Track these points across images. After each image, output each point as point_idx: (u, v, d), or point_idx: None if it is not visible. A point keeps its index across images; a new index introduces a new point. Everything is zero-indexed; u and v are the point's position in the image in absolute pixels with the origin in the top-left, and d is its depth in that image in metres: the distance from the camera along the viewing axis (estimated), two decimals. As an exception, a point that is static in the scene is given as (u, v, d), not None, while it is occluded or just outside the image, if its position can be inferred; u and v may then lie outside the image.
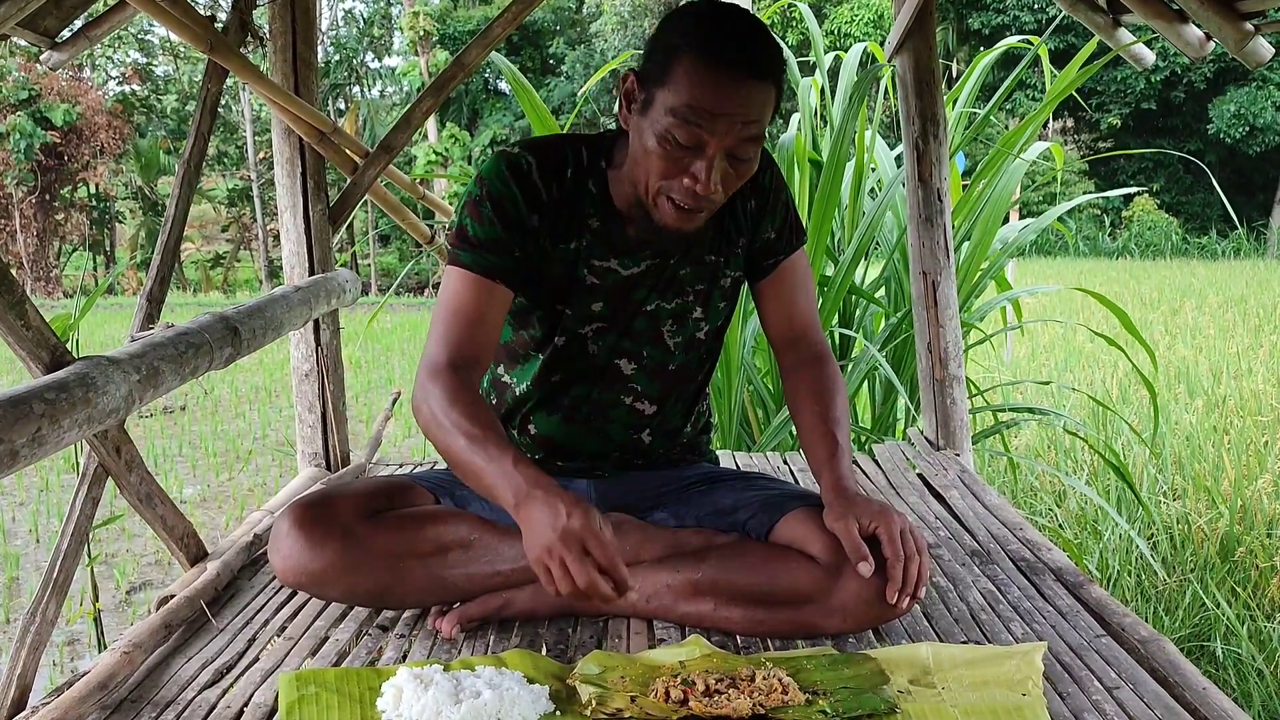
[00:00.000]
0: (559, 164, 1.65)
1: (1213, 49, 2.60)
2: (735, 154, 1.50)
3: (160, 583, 3.92)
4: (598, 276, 1.69)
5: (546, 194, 1.64)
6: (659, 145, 1.48)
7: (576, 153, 1.67)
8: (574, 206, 1.66)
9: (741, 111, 1.46)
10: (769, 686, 1.37)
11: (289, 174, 2.69)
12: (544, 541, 1.35)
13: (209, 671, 1.55)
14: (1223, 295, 11.33)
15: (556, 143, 1.68)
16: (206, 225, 26.00)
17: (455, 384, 1.53)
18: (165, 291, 2.12)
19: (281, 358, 9.06)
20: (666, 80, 1.47)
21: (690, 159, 1.48)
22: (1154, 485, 3.98)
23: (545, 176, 1.64)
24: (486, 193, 1.62)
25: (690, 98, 1.45)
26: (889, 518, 1.54)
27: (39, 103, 20.19)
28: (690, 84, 1.45)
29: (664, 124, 1.47)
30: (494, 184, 1.62)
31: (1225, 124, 21.66)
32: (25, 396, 1.35)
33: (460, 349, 1.58)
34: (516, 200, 1.62)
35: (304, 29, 2.65)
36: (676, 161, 1.49)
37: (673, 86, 1.46)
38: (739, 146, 1.49)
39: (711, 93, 1.44)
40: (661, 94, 1.48)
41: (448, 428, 1.49)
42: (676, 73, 1.46)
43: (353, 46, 25.93)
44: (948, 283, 2.93)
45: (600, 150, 1.67)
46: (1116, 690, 1.43)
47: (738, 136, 1.47)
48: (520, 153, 1.64)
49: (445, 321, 1.60)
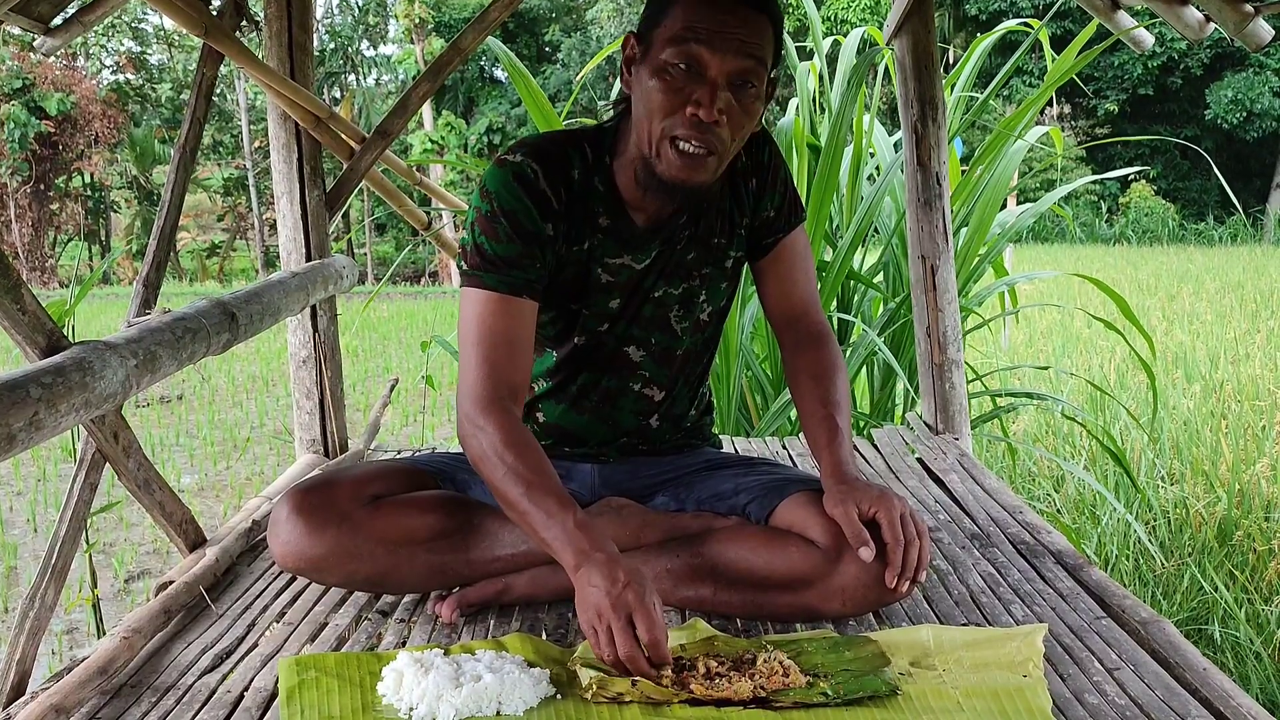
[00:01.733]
0: (565, 167, 1.62)
1: (1212, 31, 2.59)
2: (738, 79, 1.48)
3: (159, 571, 3.92)
4: (612, 274, 1.68)
5: (557, 201, 1.60)
6: (659, 80, 1.48)
7: (580, 151, 1.63)
8: (584, 207, 1.63)
9: (740, 32, 1.46)
10: (770, 669, 1.37)
11: (285, 160, 2.68)
12: (596, 605, 1.36)
13: (209, 656, 1.55)
14: (1220, 281, 11.34)
15: (558, 143, 1.64)
16: (202, 215, 25.93)
17: (508, 423, 1.52)
18: (162, 277, 2.11)
19: (278, 346, 9.05)
20: (663, 18, 1.49)
21: (692, 87, 1.47)
22: (1152, 470, 3.98)
23: (553, 183, 1.60)
24: (499, 208, 1.58)
25: (687, 20, 1.46)
26: (889, 502, 1.53)
27: (33, 92, 20.12)
28: (686, 9, 1.47)
29: (663, 57, 1.47)
30: (504, 198, 1.58)
31: (1223, 110, 21.64)
32: (22, 381, 1.34)
33: (503, 377, 1.55)
34: (530, 212, 1.58)
35: (300, 13, 2.63)
36: (678, 92, 1.48)
37: (669, 19, 1.48)
38: (741, 70, 1.48)
39: (709, 14, 1.46)
40: (659, 32, 1.49)
41: (503, 473, 1.48)
42: (673, 6, 1.48)
43: (348, 34, 25.83)
44: (946, 267, 2.93)
45: (603, 144, 1.65)
46: (1117, 671, 1.43)
47: (738, 55, 1.47)
48: (524, 161, 1.60)
49: (481, 348, 1.56)
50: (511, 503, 1.48)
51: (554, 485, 1.47)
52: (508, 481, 1.47)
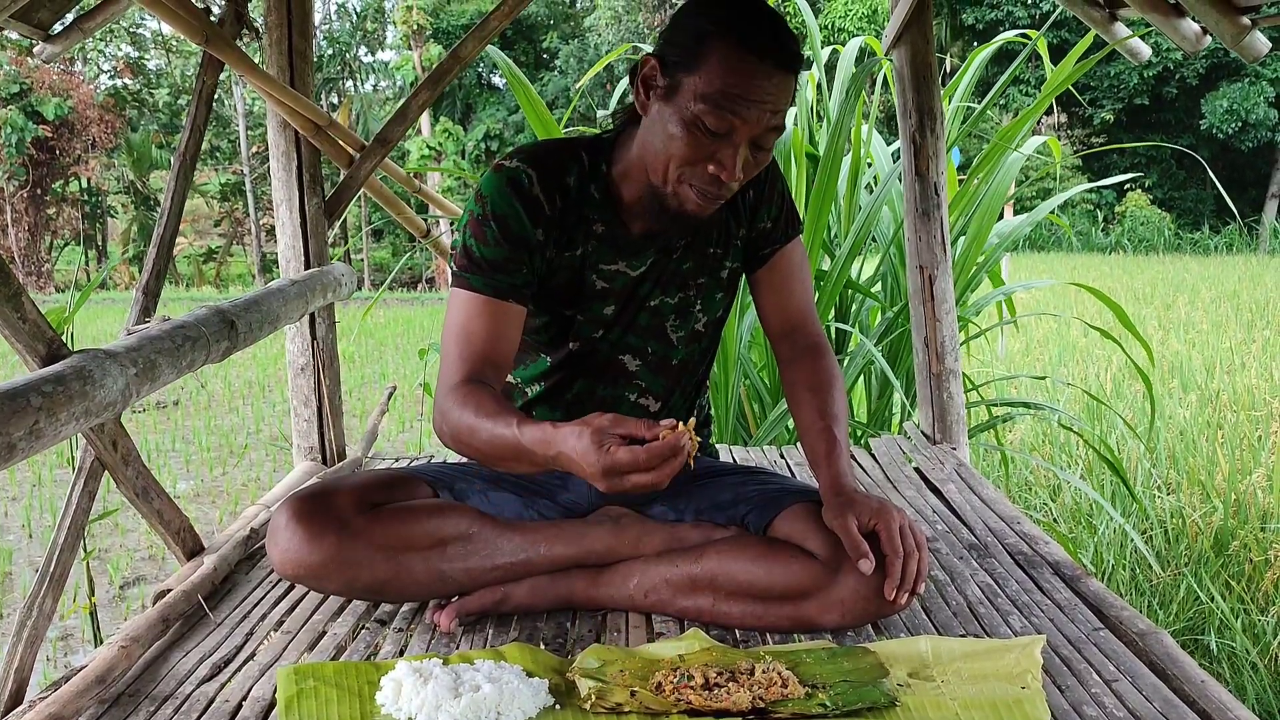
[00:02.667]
0: (561, 173, 1.63)
1: (1209, 43, 2.60)
2: (759, 143, 1.50)
3: (153, 577, 3.91)
4: (607, 280, 1.69)
5: (549, 206, 1.62)
6: (685, 132, 1.48)
7: (577, 158, 1.65)
8: (578, 214, 1.65)
9: (771, 100, 1.46)
10: (768, 680, 1.37)
11: (284, 167, 2.68)
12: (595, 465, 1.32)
13: (207, 665, 1.54)
14: (1215, 290, 11.36)
15: (556, 150, 1.66)
16: (199, 220, 25.93)
17: (464, 391, 1.52)
18: (161, 285, 2.11)
19: (275, 352, 9.05)
20: (697, 66, 1.46)
21: (716, 146, 1.48)
22: (1148, 479, 3.99)
23: (547, 189, 1.62)
24: (490, 212, 1.60)
25: (725, 84, 1.44)
26: (887, 514, 1.54)
27: (30, 96, 20.12)
28: (725, 70, 1.44)
29: (694, 110, 1.46)
30: (496, 202, 1.60)
31: (1218, 119, 21.71)
32: (22, 389, 1.34)
33: (478, 372, 1.56)
34: (520, 217, 1.60)
35: (300, 21, 2.64)
36: (702, 148, 1.49)
37: (704, 72, 1.45)
38: (764, 136, 1.49)
39: (747, 80, 1.44)
40: (690, 80, 1.46)
41: (467, 424, 1.48)
42: (709, 59, 1.45)
43: (346, 40, 25.86)
44: (944, 277, 2.93)
45: (600, 152, 1.66)
46: (1115, 683, 1.43)
47: (765, 126, 1.48)
48: (519, 167, 1.61)
49: (459, 344, 1.58)
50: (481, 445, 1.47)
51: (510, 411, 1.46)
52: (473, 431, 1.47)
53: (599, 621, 1.68)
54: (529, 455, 1.40)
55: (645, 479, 1.31)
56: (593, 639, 1.61)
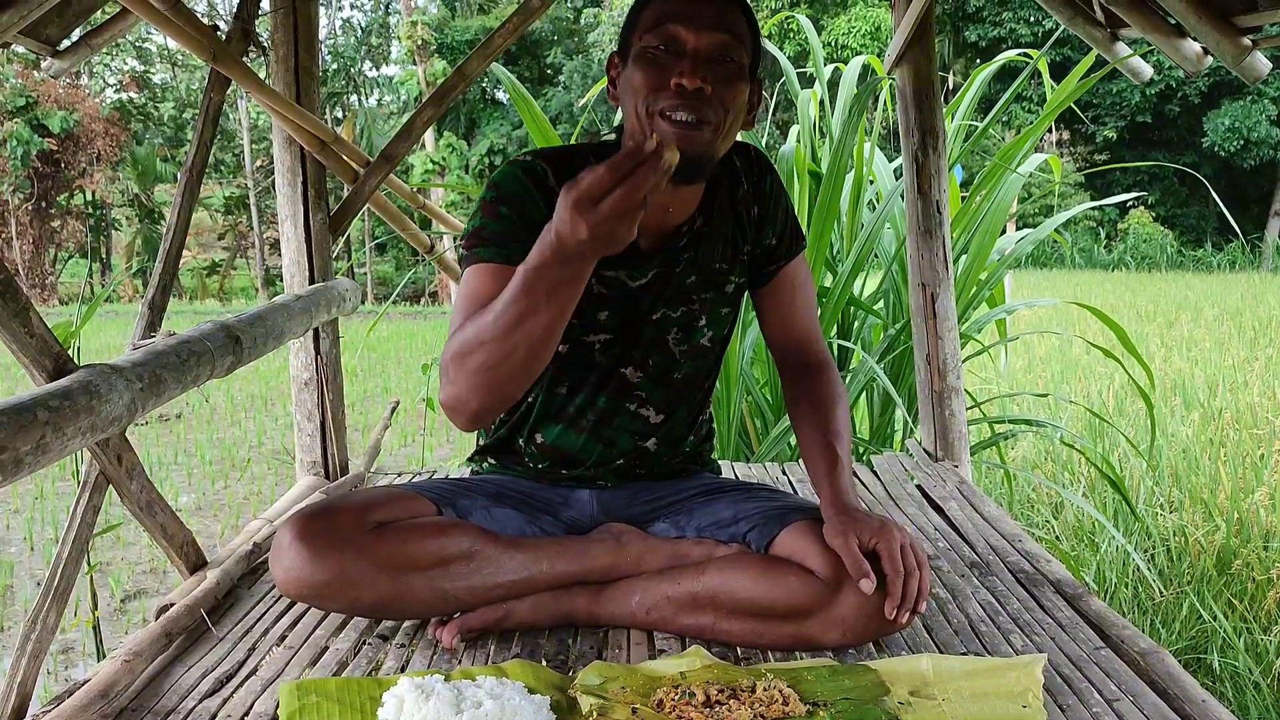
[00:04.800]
0: (573, 172, 1.63)
1: (1210, 63, 2.61)
2: (717, 53, 1.53)
3: (155, 591, 3.91)
4: (605, 286, 1.69)
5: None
6: (640, 69, 1.54)
7: (586, 160, 1.65)
8: None
9: (712, 14, 1.53)
10: (769, 698, 1.37)
11: (290, 183, 2.69)
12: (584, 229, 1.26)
13: (209, 680, 1.55)
14: (1218, 308, 11.36)
15: (567, 152, 1.70)
16: (203, 233, 25.99)
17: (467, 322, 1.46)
18: (167, 300, 2.12)
19: (278, 365, 9.05)
20: (638, 21, 1.56)
21: (673, 62, 1.52)
22: (1150, 498, 3.98)
23: (562, 183, 1.62)
24: (502, 194, 1.62)
25: (662, 11, 1.53)
26: (889, 533, 1.54)
27: (36, 110, 20.19)
28: (660, 4, 1.54)
29: (641, 44, 1.54)
30: (509, 186, 1.63)
31: (1220, 137, 21.75)
32: (29, 404, 1.35)
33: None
34: (535, 200, 1.61)
35: (305, 38, 2.66)
36: (661, 70, 1.52)
37: (646, 14, 1.56)
38: (719, 43, 1.53)
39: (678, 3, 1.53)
40: (635, 34, 1.56)
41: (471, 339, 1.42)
42: (648, 8, 1.56)
43: (351, 55, 25.96)
44: (946, 295, 2.94)
45: (605, 156, 1.66)
46: (1116, 702, 1.43)
47: (715, 32, 1.52)
48: (535, 160, 1.66)
49: (465, 309, 1.53)
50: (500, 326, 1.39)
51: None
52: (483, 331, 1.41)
53: (601, 638, 1.68)
54: (542, 270, 1.34)
55: (617, 195, 1.22)
56: (594, 656, 1.61)
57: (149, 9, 2.18)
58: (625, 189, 1.22)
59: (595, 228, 1.25)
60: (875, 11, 21.44)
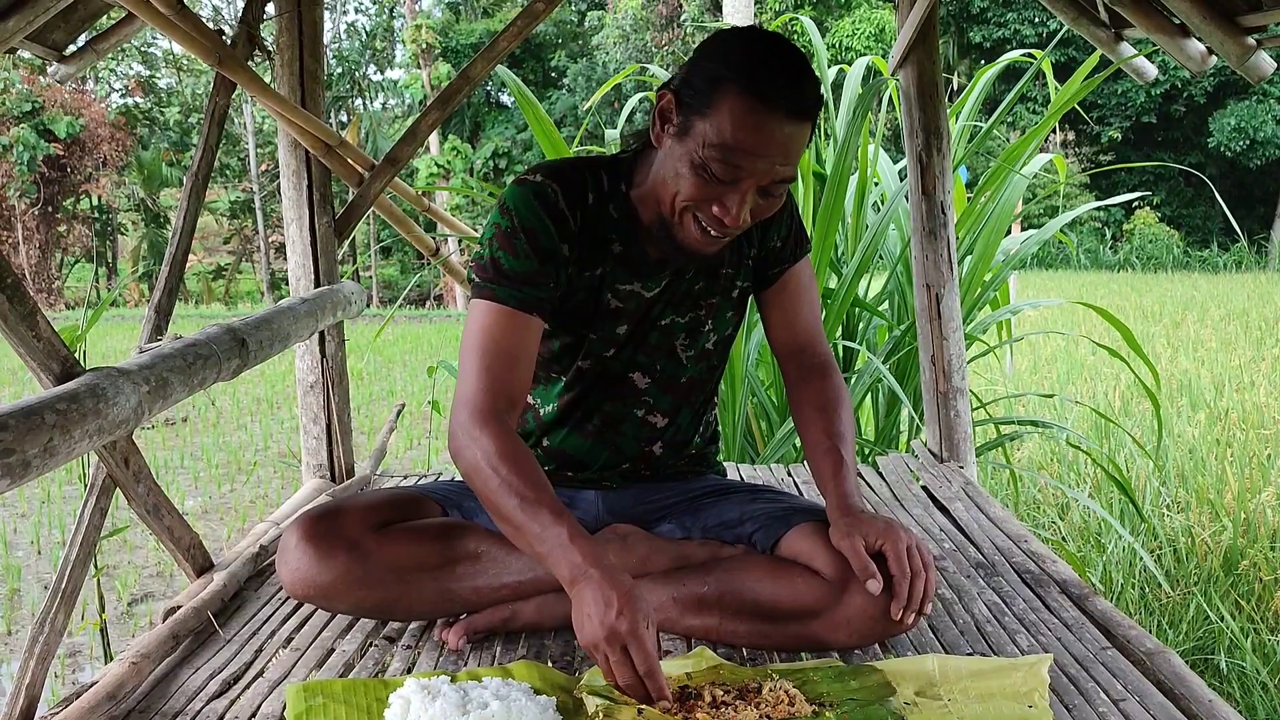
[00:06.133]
0: (581, 191, 1.64)
1: (1214, 63, 2.61)
2: (767, 191, 1.50)
3: (162, 594, 3.92)
4: (621, 300, 1.69)
5: (574, 222, 1.62)
6: (693, 174, 1.47)
7: (596, 178, 1.65)
8: (597, 233, 1.65)
9: (781, 154, 1.45)
10: (775, 698, 1.38)
11: (295, 186, 2.70)
12: (591, 634, 1.35)
13: (216, 682, 1.55)
14: (1224, 308, 11.34)
15: (576, 168, 1.66)
16: (208, 237, 26.04)
17: (503, 434, 1.50)
18: (173, 304, 2.13)
19: (283, 369, 9.07)
20: (709, 111, 1.44)
21: (722, 191, 1.48)
22: (1157, 498, 3.98)
23: (571, 205, 1.62)
24: (519, 224, 1.59)
25: (734, 137, 1.42)
26: (894, 534, 1.54)
27: (42, 115, 20.25)
28: (734, 122, 1.42)
29: (702, 155, 1.45)
30: (525, 215, 1.59)
31: (1225, 137, 21.70)
32: (37, 407, 1.36)
33: (501, 389, 1.54)
34: (550, 231, 1.60)
35: (310, 42, 2.66)
36: (708, 190, 1.48)
37: (714, 119, 1.43)
38: (773, 185, 1.49)
39: (755, 134, 1.42)
40: (701, 124, 1.45)
41: (496, 484, 1.46)
42: (720, 106, 1.43)
43: (355, 59, 26.01)
44: (951, 295, 2.94)
45: (619, 173, 1.66)
46: (1123, 702, 1.43)
47: (773, 175, 1.47)
48: (544, 181, 1.62)
49: (482, 358, 1.55)
50: (506, 516, 1.46)
51: (549, 498, 1.45)
52: (501, 493, 1.46)
53: (607, 639, 1.68)
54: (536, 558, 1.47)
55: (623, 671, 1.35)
56: (600, 657, 1.61)
57: (154, 14, 2.19)
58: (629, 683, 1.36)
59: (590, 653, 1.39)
60: (879, 13, 21.43)
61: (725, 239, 1.55)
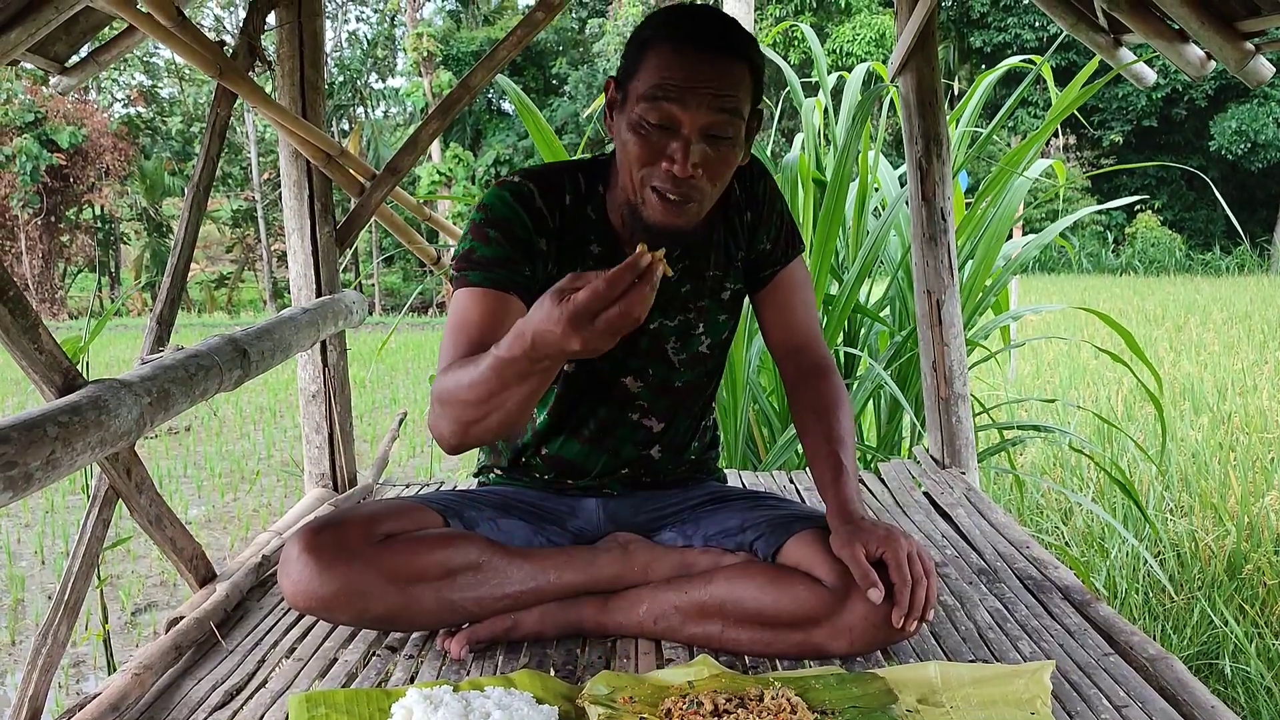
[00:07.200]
0: (559, 192, 1.66)
1: (1213, 68, 2.61)
2: (712, 131, 1.50)
3: (165, 604, 3.92)
4: None
5: (552, 220, 1.65)
6: (634, 135, 1.51)
7: (574, 180, 1.68)
8: (575, 234, 1.67)
9: (711, 84, 1.48)
10: (777, 706, 1.38)
11: (296, 196, 2.71)
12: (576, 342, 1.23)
13: (219, 693, 1.55)
14: (1227, 311, 11.33)
15: (555, 171, 1.69)
16: (211, 246, 26.08)
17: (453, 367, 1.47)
18: (175, 314, 2.13)
19: (286, 377, 9.08)
20: (638, 70, 1.51)
21: (666, 140, 1.50)
22: (1160, 502, 3.97)
23: (549, 204, 1.64)
24: (490, 217, 1.62)
25: (659, 77, 1.48)
26: (895, 542, 1.54)
27: (45, 125, 20.29)
28: (659, 64, 1.48)
29: (637, 111, 1.50)
30: (498, 209, 1.63)
31: (1227, 140, 21.70)
32: (39, 420, 1.36)
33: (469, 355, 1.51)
34: (524, 223, 1.62)
35: (311, 53, 2.67)
36: (653, 146, 1.50)
37: (643, 74, 1.50)
38: (714, 124, 1.49)
39: (679, 68, 1.47)
40: (634, 85, 1.51)
41: (452, 388, 1.43)
42: (648, 60, 1.50)
43: (356, 68, 26.05)
44: (952, 301, 2.94)
45: (597, 175, 1.69)
46: (1125, 709, 1.43)
47: (710, 110, 1.48)
48: (521, 181, 1.66)
49: (455, 337, 1.56)
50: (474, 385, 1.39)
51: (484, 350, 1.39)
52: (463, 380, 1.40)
53: (608, 648, 1.68)
54: (513, 362, 1.33)
55: (614, 313, 1.20)
56: (602, 665, 1.61)
57: (156, 26, 2.20)
58: (624, 306, 1.20)
59: (589, 340, 1.23)
60: (879, 19, 21.45)
61: (691, 203, 1.54)
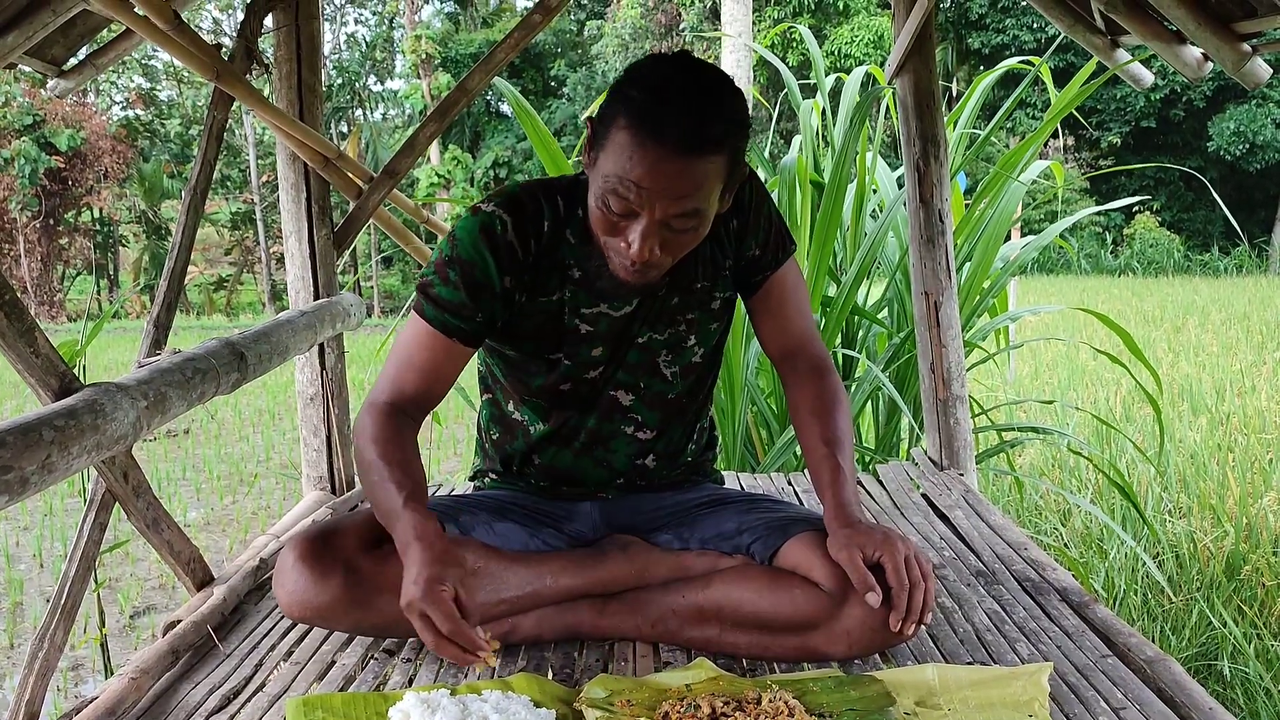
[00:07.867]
0: (536, 220, 1.63)
1: (1211, 69, 2.61)
2: (672, 226, 1.47)
3: (163, 607, 3.92)
4: (590, 323, 1.69)
5: (523, 252, 1.62)
6: (598, 209, 1.49)
7: (553, 204, 1.64)
8: (553, 259, 1.65)
9: (671, 188, 1.42)
10: (775, 709, 1.37)
11: (294, 199, 2.70)
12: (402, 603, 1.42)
13: (216, 697, 1.55)
14: (1225, 312, 11.33)
15: (534, 196, 1.65)
16: (209, 248, 26.09)
17: (382, 418, 1.61)
18: (172, 317, 2.13)
19: (285, 380, 9.07)
20: (605, 144, 1.46)
21: (626, 224, 1.47)
22: (1159, 503, 3.97)
23: (521, 235, 1.61)
24: (456, 254, 1.60)
25: (620, 169, 1.42)
26: (893, 545, 1.53)
27: (43, 128, 20.30)
28: (620, 156, 1.42)
29: (600, 189, 1.46)
30: (464, 247, 1.60)
31: (1225, 141, 21.71)
32: (35, 424, 1.36)
33: (403, 394, 1.64)
34: (486, 265, 1.60)
35: (309, 55, 2.67)
36: (614, 224, 1.48)
37: (609, 154, 1.44)
38: (675, 220, 1.46)
39: (639, 167, 1.41)
40: (602, 158, 1.46)
41: (366, 461, 1.58)
42: (613, 141, 1.44)
43: (355, 70, 26.07)
44: (950, 303, 2.94)
45: (577, 196, 1.65)
46: (1123, 711, 1.43)
47: (669, 212, 1.44)
48: (495, 212, 1.61)
49: (397, 367, 1.65)
50: (366, 488, 1.58)
51: (401, 475, 1.53)
52: (365, 472, 1.58)
53: (606, 651, 1.68)
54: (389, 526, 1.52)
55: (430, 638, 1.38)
56: (600, 669, 1.61)
57: (153, 29, 2.19)
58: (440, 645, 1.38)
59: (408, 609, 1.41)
60: (878, 20, 21.45)
61: (652, 271, 1.53)
